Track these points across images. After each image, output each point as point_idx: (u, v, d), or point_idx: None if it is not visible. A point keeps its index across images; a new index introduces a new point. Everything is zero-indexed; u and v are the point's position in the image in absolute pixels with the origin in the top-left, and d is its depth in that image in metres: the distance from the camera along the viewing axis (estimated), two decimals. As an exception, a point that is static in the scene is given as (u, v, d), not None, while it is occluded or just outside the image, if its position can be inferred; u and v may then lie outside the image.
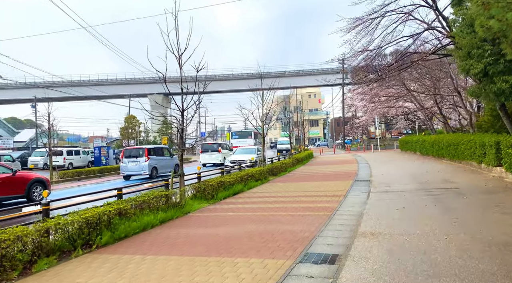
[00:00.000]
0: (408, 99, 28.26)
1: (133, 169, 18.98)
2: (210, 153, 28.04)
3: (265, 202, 9.54)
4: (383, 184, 11.94)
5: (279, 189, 12.02)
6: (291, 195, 10.59)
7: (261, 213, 8.07)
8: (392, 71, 16.36)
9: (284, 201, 9.60)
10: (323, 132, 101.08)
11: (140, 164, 18.80)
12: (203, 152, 28.67)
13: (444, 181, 11.60)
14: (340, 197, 9.71)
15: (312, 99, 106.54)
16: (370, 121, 45.73)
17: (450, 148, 17.67)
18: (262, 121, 16.22)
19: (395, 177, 13.67)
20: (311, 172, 17.89)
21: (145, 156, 18.97)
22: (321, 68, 75.99)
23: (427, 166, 17.23)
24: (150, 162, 18.99)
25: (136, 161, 18.95)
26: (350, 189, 11.11)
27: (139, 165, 18.80)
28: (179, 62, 9.20)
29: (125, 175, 19.34)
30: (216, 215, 8.19)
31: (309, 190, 11.54)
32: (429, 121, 27.31)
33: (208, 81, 11.10)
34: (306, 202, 9.19)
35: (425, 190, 10.07)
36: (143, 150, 19.37)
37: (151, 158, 19.24)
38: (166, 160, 20.72)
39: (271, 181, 14.94)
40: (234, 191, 11.22)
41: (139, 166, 18.79)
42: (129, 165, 19.04)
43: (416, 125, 37.84)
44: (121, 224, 6.43)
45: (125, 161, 19.21)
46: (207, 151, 28.24)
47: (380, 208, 7.91)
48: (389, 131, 60.53)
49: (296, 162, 22.77)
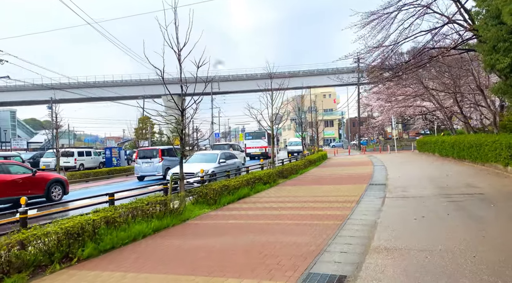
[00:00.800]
0: (426, 98, 27.11)
1: (147, 170, 19.00)
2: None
3: (270, 208, 8.85)
4: (400, 188, 11.10)
5: (287, 194, 11.32)
6: (300, 200, 9.87)
7: (264, 221, 7.39)
8: (410, 68, 15.46)
9: (291, 207, 8.89)
10: (338, 133, 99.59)
11: (154, 165, 18.83)
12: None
13: (467, 186, 10.69)
14: (353, 203, 8.95)
15: (327, 99, 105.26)
16: (387, 122, 44.49)
17: (472, 149, 16.62)
18: (271, 121, 15.52)
19: (413, 180, 12.80)
20: (323, 175, 17.10)
21: (159, 157, 18.97)
22: (336, 68, 74.67)
23: (447, 168, 16.24)
24: (164, 163, 18.95)
25: (150, 161, 18.97)
26: (364, 194, 10.32)
27: (153, 165, 18.82)
28: (178, 58, 8.61)
29: (139, 175, 19.34)
30: (216, 223, 7.55)
31: (319, 194, 10.80)
32: (449, 121, 26.11)
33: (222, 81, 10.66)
34: (315, 209, 8.47)
35: (446, 196, 9.21)
36: (156, 151, 19.40)
37: (165, 159, 19.21)
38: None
39: (280, 184, 14.24)
40: (239, 196, 10.57)
41: (153, 166, 18.80)
42: (143, 166, 19.09)
43: (434, 126, 36.46)
44: (108, 234, 5.85)
45: (139, 161, 19.27)
46: None
47: (396, 217, 7.14)
48: (406, 131, 58.93)
49: (309, 163, 21.99)
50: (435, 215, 7.10)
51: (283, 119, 17.52)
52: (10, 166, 12.10)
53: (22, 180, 11.83)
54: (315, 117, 40.13)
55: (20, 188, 11.63)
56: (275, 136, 42.95)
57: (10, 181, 11.47)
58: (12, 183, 11.47)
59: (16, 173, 11.94)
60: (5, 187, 11.27)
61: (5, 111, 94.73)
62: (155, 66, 8.17)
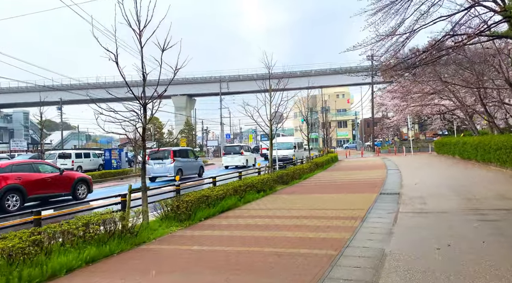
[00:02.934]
0: (445, 96, 24.92)
1: (159, 171, 18.97)
2: (233, 155, 27.61)
3: (253, 227, 7.12)
4: (417, 199, 9.22)
5: (281, 205, 9.55)
6: (293, 215, 8.10)
7: (237, 248, 5.66)
8: (428, 59, 13.51)
9: (279, 225, 7.14)
10: (352, 134, 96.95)
11: (166, 166, 18.76)
12: (226, 154, 28.27)
13: (501, 197, 8.74)
14: (357, 220, 7.14)
15: (340, 99, 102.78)
16: (402, 122, 42.13)
17: (501, 151, 14.54)
18: (270, 119, 13.78)
19: (432, 188, 10.88)
20: (329, 181, 15.26)
21: (171, 158, 18.89)
22: (349, 67, 72.53)
23: (472, 173, 14.22)
24: (175, 164, 18.90)
25: (162, 162, 18.88)
26: (373, 207, 8.49)
27: (165, 166, 18.76)
28: (139, 40, 6.95)
29: (151, 176, 19.20)
30: (175, 249, 5.85)
31: (319, 207, 9.01)
32: (470, 121, 23.89)
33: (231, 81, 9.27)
34: (309, 228, 6.69)
35: (475, 211, 7.32)
36: (168, 152, 19.26)
37: (177, 160, 19.15)
38: (191, 162, 20.91)
39: (278, 191, 12.48)
40: (223, 208, 8.86)
41: (165, 167, 18.75)
42: (155, 167, 18.95)
43: (454, 126, 34.04)
44: (7, 275, 4.21)
45: (151, 162, 19.07)
46: (230, 153, 27.88)
47: (411, 245, 5.31)
48: (423, 132, 56.23)
49: (315, 167, 20.14)
50: (466, 242, 5.25)
51: (284, 116, 15.70)
52: (39, 165, 12.81)
53: (51, 178, 12.45)
54: (326, 117, 38.03)
55: (48, 186, 12.34)
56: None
57: (39, 179, 12.10)
58: (41, 182, 12.10)
59: (45, 171, 12.54)
60: (35, 185, 11.86)
61: (17, 112, 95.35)
62: (107, 50, 6.52)
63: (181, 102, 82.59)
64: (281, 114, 14.92)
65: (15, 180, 11.38)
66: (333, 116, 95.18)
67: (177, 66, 7.33)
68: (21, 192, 11.44)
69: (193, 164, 20.90)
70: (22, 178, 11.60)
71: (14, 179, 11.36)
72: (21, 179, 11.55)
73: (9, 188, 11.11)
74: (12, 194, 11.20)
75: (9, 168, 11.61)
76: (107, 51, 6.54)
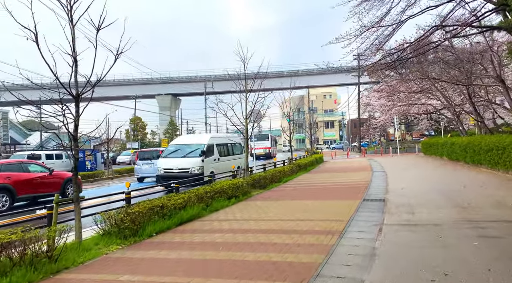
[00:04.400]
0: (432, 95, 24.09)
1: (148, 171, 18.84)
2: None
3: (209, 246, 5.88)
4: (404, 207, 8.12)
5: (252, 214, 8.33)
6: (261, 228, 6.90)
7: (177, 278, 4.42)
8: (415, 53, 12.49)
9: (240, 243, 5.93)
10: (339, 135, 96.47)
11: (155, 166, 17.89)
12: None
13: (498, 205, 7.70)
14: (334, 235, 5.98)
15: (327, 99, 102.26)
16: (389, 122, 41.44)
17: (492, 153, 13.61)
18: (246, 118, 12.56)
19: (421, 194, 9.81)
20: (310, 184, 14.12)
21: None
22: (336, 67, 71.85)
23: (462, 176, 13.25)
24: None
25: (151, 163, 18.72)
26: (354, 217, 7.34)
27: (154, 167, 18.12)
28: (69, 16, 5.64)
29: (139, 176, 19.27)
30: (99, 280, 4.58)
31: (293, 216, 7.83)
32: (458, 120, 23.09)
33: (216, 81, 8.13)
34: (275, 248, 5.50)
35: (472, 224, 6.24)
36: (157, 152, 19.22)
37: None
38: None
39: (253, 197, 11.28)
40: (181, 219, 7.60)
41: (153, 168, 18.13)
42: (143, 167, 18.99)
43: (441, 126, 33.37)
44: None
45: (139, 163, 19.20)
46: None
47: (399, 274, 4.15)
48: (409, 133, 55.73)
49: (298, 169, 19.00)
50: (467, 270, 4.11)
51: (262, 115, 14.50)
52: (29, 165, 12.82)
53: (40, 178, 12.39)
54: (310, 117, 37.09)
55: (38, 186, 12.26)
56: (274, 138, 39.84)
57: (29, 179, 12.04)
58: (30, 181, 12.05)
59: (34, 171, 12.51)
60: (24, 185, 11.80)
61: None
62: (24, 27, 5.19)
63: (166, 102, 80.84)
64: (258, 112, 13.71)
65: (5, 179, 11.32)
66: (320, 117, 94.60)
67: (119, 50, 6.02)
68: (11, 191, 11.36)
69: None
70: (12, 177, 11.54)
71: (4, 179, 11.31)
72: (11, 178, 11.48)
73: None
74: (1, 193, 11.16)
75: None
76: (24, 28, 5.22)
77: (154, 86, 78.32)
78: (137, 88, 75.40)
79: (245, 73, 12.51)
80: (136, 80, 77.97)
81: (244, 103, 12.58)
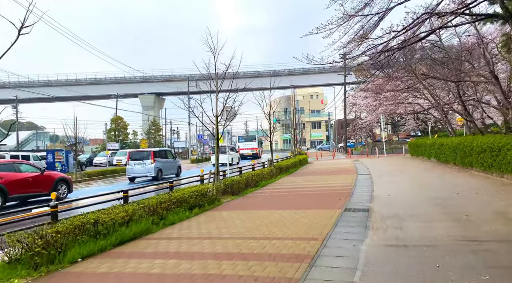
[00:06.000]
0: (420, 94, 23.10)
1: (140, 171, 19.42)
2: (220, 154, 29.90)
3: (141, 280, 4.52)
4: (392, 219, 6.88)
5: (211, 230, 6.96)
6: (216, 251, 5.53)
7: None
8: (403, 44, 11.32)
9: (182, 275, 4.57)
10: (325, 135, 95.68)
11: (146, 166, 19.26)
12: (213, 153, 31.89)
13: (501, 217, 6.50)
14: (303, 262, 4.68)
15: (314, 100, 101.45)
16: (375, 122, 40.55)
17: (485, 154, 12.54)
18: (216, 116, 11.19)
19: (410, 202, 8.60)
20: (289, 189, 12.83)
21: (151, 159, 19.42)
22: (323, 67, 70.97)
23: (454, 180, 12.12)
24: (156, 164, 19.49)
25: (142, 163, 19.36)
26: (331, 234, 6.06)
27: (145, 167, 19.24)
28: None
29: (131, 176, 19.89)
30: None
31: (258, 233, 6.49)
32: (447, 120, 22.12)
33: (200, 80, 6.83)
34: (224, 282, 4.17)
35: (475, 245, 5.01)
36: (149, 153, 19.84)
37: (157, 160, 19.74)
38: (170, 162, 21.58)
39: (221, 205, 9.93)
40: (122, 238, 6.20)
41: (145, 168, 19.24)
42: (135, 167, 19.48)
43: (428, 126, 32.54)
44: None
45: (131, 163, 19.67)
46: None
47: None
48: (395, 133, 55.05)
49: (278, 171, 17.73)
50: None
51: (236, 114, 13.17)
52: (20, 165, 12.88)
53: (32, 178, 12.44)
54: (293, 117, 36.09)
55: (29, 186, 12.31)
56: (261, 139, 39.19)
57: (21, 179, 12.10)
58: (22, 181, 12.10)
59: (26, 171, 12.55)
60: (16, 185, 11.85)
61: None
62: None
63: (149, 101, 78.73)
64: (231, 108, 12.35)
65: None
66: (307, 117, 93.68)
67: (24, 23, 4.59)
68: (3, 191, 11.44)
69: (171, 164, 21.62)
70: (4, 177, 11.60)
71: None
72: (3, 178, 11.54)
73: None
74: None
75: None
76: None
77: (137, 85, 76.22)
78: (120, 87, 73.25)
79: (215, 66, 11.16)
80: (119, 79, 75.67)
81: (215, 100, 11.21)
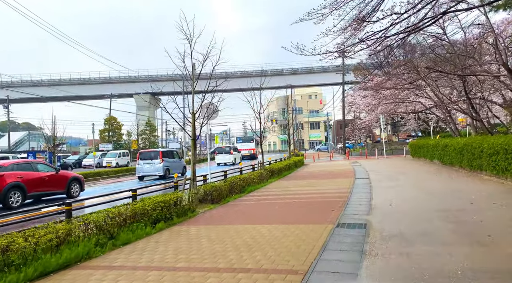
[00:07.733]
0: (422, 92, 21.73)
1: (149, 170, 20.80)
2: (224, 154, 34.30)
3: None
4: (394, 240, 5.47)
5: (164, 256, 5.51)
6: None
7: None
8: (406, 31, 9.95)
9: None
10: (324, 136, 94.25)
11: (155, 166, 20.58)
12: (218, 153, 34.95)
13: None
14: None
15: (313, 100, 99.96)
16: (374, 122, 39.16)
17: (498, 157, 11.15)
18: (193, 113, 9.78)
19: (416, 215, 7.19)
20: (277, 196, 11.40)
21: (160, 158, 20.76)
22: (321, 66, 69.65)
23: (463, 186, 10.72)
24: (164, 164, 20.77)
25: (151, 162, 20.67)
26: (317, 264, 4.64)
27: (154, 166, 20.57)
28: None
29: (140, 175, 21.15)
30: None
31: (223, 262, 5.07)
32: (451, 120, 20.72)
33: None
34: None
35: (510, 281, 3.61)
36: (157, 153, 21.33)
37: (165, 160, 21.05)
38: (176, 162, 22.85)
39: (195, 217, 8.51)
40: (47, 267, 4.78)
41: (154, 167, 20.59)
42: (144, 167, 20.80)
43: (430, 126, 31.15)
44: None
45: (141, 162, 20.92)
46: (221, 153, 34.66)
47: None
48: (395, 134, 53.63)
49: (269, 175, 16.31)
50: None
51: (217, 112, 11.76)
52: (38, 164, 13.47)
53: (48, 177, 12.99)
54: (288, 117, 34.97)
55: (46, 185, 12.84)
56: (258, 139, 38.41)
57: (38, 178, 12.66)
58: (39, 180, 12.65)
59: (42, 170, 13.09)
60: (34, 183, 12.39)
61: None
62: None
63: (144, 101, 77.17)
64: (209, 104, 10.94)
65: (17, 178, 11.92)
66: (305, 118, 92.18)
67: None
68: (22, 189, 11.94)
69: (177, 163, 22.80)
70: (23, 176, 12.15)
71: (16, 177, 11.90)
72: (23, 177, 12.10)
73: (12, 185, 11.68)
74: (14, 191, 11.73)
75: (11, 166, 12.27)
76: None
77: (132, 84, 74.70)
78: (114, 87, 71.81)
79: (191, 55, 9.77)
80: (113, 79, 74.18)
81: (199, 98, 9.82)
